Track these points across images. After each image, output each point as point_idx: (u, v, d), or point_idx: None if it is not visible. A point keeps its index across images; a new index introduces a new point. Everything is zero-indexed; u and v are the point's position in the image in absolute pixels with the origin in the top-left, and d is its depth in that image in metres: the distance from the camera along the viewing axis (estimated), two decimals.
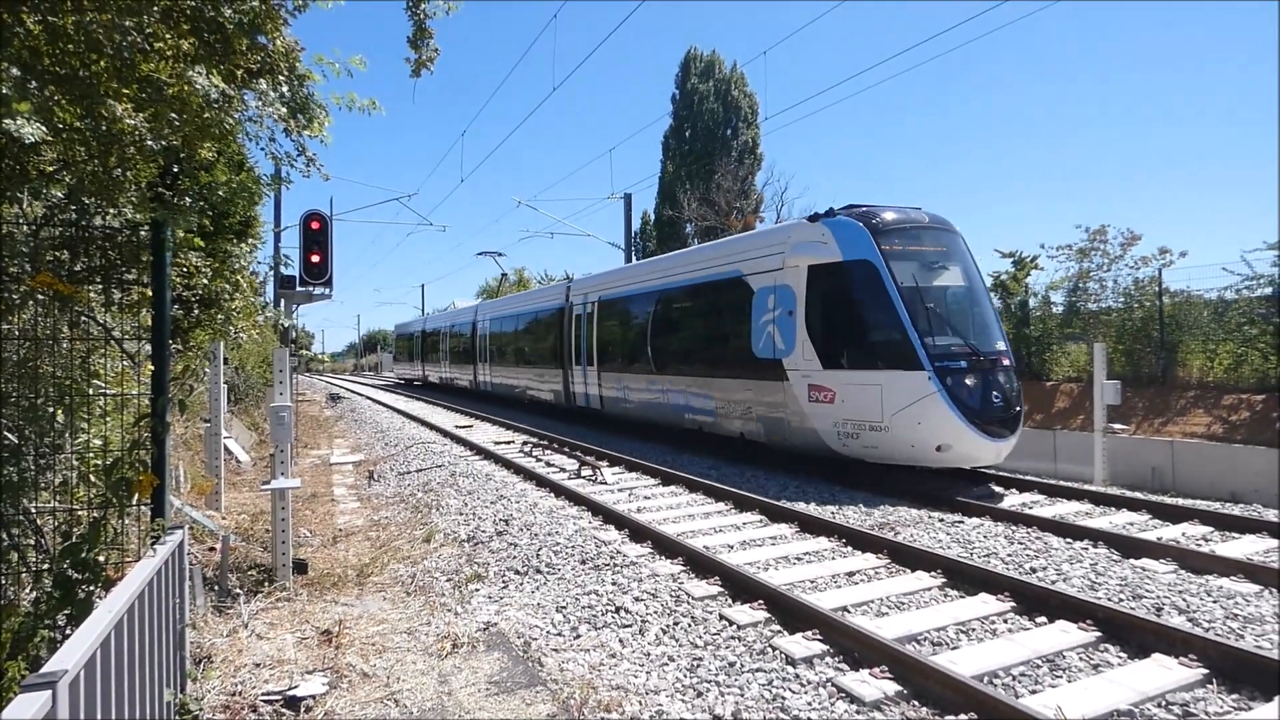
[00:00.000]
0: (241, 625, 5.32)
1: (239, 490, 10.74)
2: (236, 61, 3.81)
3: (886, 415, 9.44)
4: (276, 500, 6.44)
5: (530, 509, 8.99)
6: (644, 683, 4.39)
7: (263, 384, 18.94)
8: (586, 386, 17.89)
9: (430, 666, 4.71)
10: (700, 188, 34.56)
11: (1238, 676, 4.18)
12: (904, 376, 9.35)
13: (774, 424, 11.26)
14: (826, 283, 10.33)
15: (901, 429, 9.34)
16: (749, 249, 12.18)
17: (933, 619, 5.15)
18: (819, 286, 10.37)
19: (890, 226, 10.12)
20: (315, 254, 7.06)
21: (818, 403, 10.22)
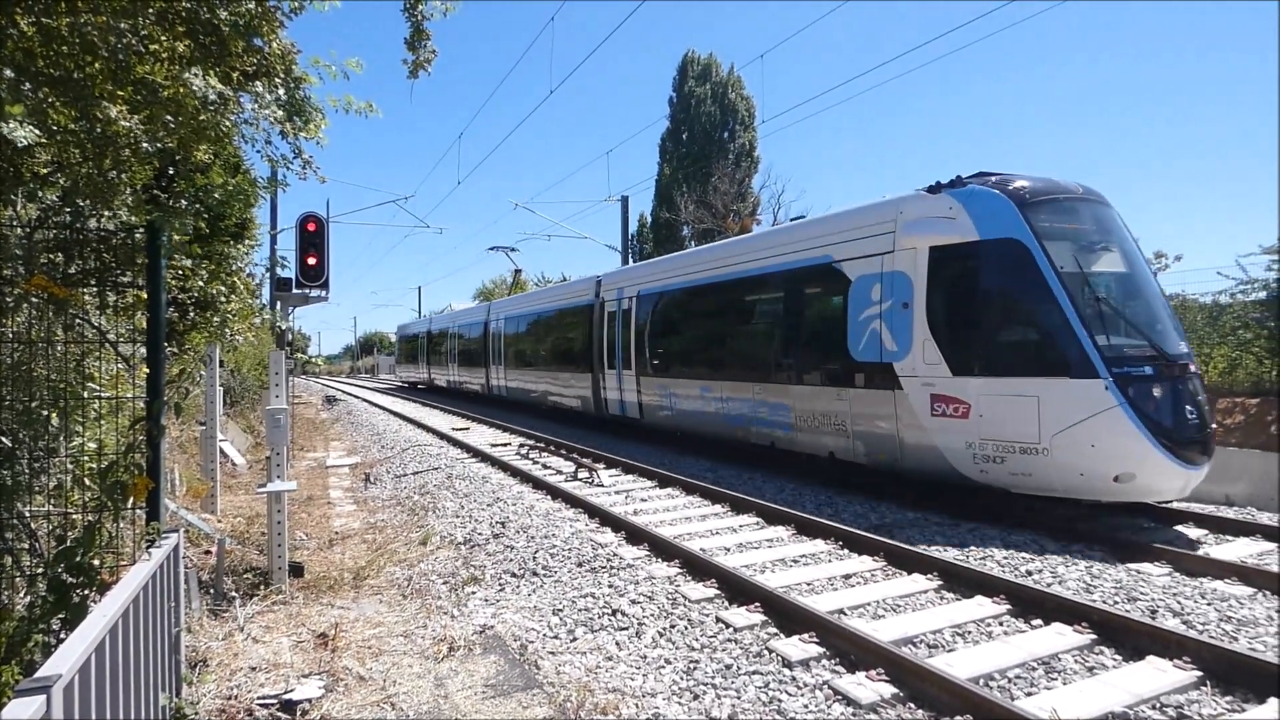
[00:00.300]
0: (237, 629, 5.30)
1: (235, 493, 10.71)
2: (232, 64, 3.81)
3: (1045, 435, 7.51)
4: (272, 503, 6.42)
5: (527, 511, 8.98)
6: (641, 685, 4.39)
7: (258, 386, 18.90)
8: (621, 393, 15.85)
9: (427, 669, 4.70)
10: (697, 190, 34.61)
11: (1231, 679, 4.19)
12: (1071, 386, 7.43)
13: (879, 441, 9.23)
14: (956, 268, 8.45)
15: (1067, 452, 7.40)
16: (843, 229, 9.96)
17: (929, 621, 5.15)
18: (945, 273, 8.46)
19: (1039, 198, 8.19)
20: (312, 256, 7.04)
21: (944, 417, 8.29)
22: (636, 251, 39.82)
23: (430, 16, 4.80)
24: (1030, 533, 7.49)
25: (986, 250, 8.18)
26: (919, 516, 8.35)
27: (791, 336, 11.02)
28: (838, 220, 10.32)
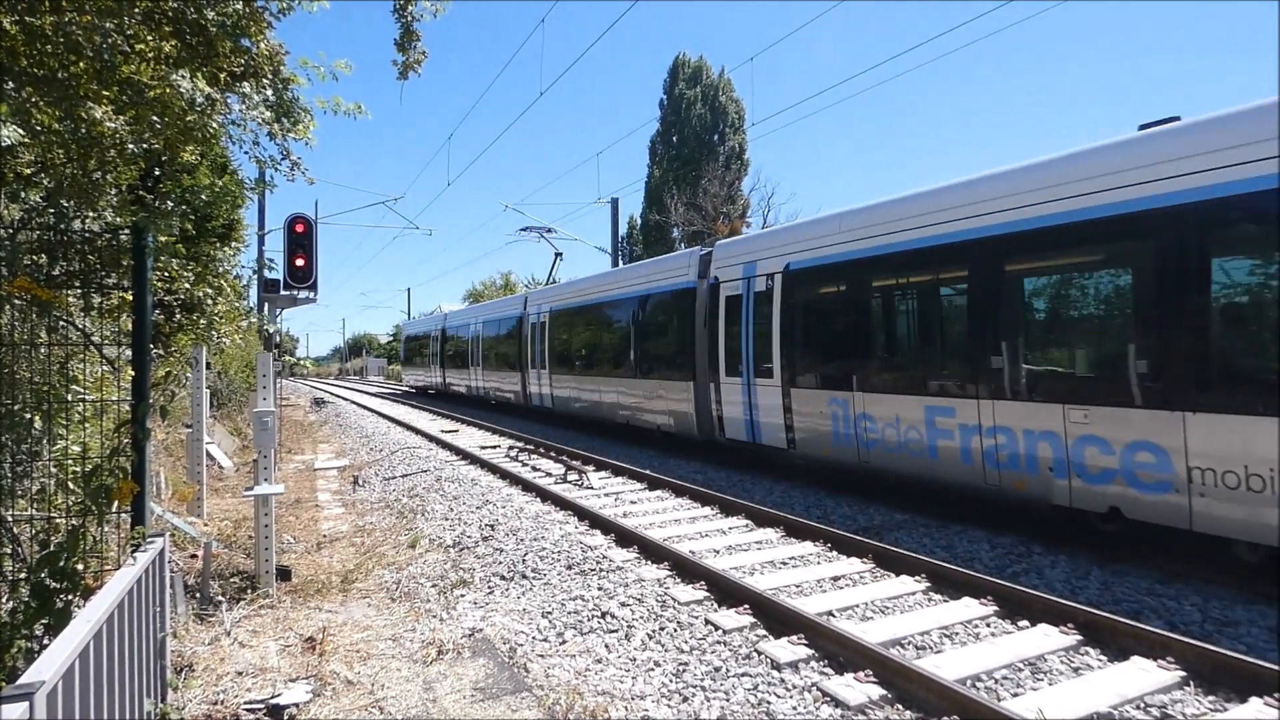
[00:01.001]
0: (224, 633, 5.26)
1: (221, 496, 10.63)
2: (219, 64, 3.80)
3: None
4: (259, 506, 6.38)
5: (516, 514, 8.96)
6: (630, 688, 4.39)
7: (246, 389, 18.77)
8: (753, 409, 11.40)
9: (415, 673, 4.68)
10: (687, 192, 34.68)
11: (1214, 679, 4.23)
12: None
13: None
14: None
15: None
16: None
17: (917, 623, 5.17)
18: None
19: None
20: (300, 257, 6.99)
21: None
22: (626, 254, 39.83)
23: (420, 18, 4.80)
24: (1017, 535, 7.53)
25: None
26: (907, 518, 8.39)
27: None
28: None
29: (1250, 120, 5.78)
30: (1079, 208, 6.92)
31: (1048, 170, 7.36)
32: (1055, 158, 7.42)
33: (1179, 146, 6.22)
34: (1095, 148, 7.03)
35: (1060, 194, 7.11)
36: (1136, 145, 6.63)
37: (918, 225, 8.66)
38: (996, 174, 7.99)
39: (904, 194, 9.18)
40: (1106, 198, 6.68)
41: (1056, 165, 7.30)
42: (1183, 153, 6.16)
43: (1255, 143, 5.67)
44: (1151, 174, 6.33)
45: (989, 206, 7.81)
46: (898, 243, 8.92)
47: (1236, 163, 5.75)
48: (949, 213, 8.27)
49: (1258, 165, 5.63)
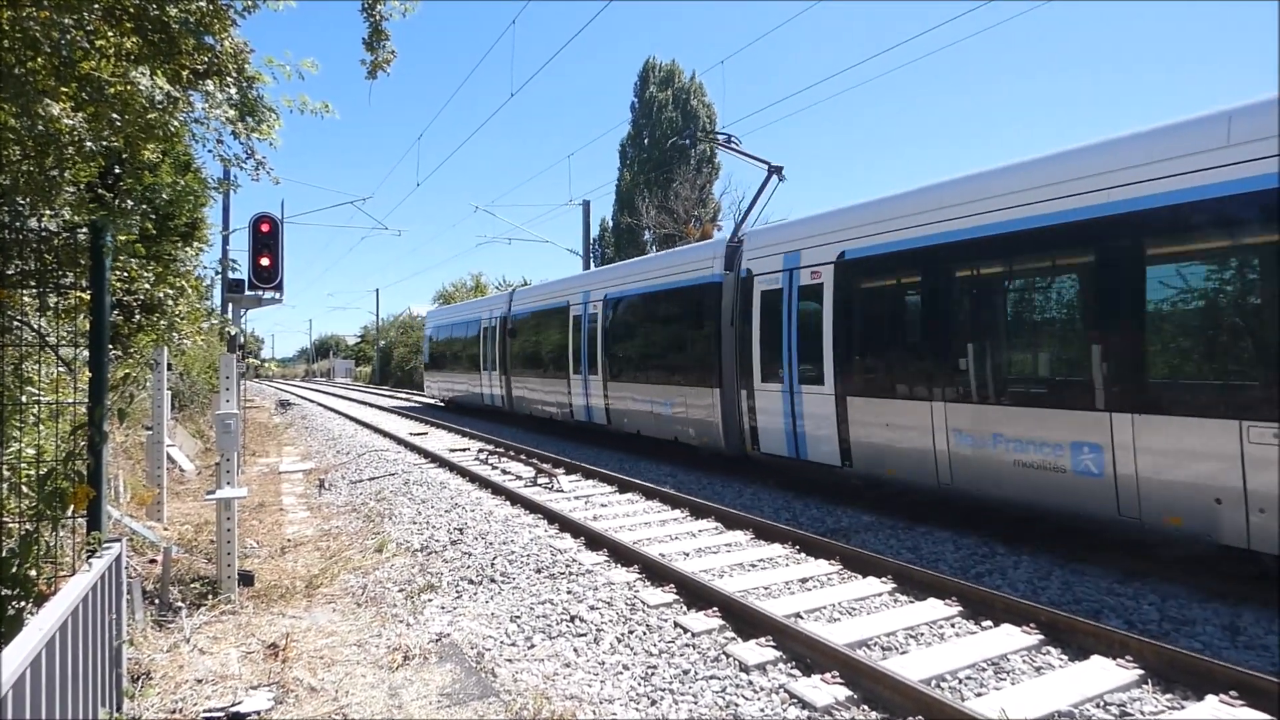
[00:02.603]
0: (183, 640, 5.15)
1: (182, 500, 10.40)
2: (182, 62, 3.73)
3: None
4: (222, 510, 6.26)
5: (485, 517, 8.90)
6: (598, 692, 4.38)
7: (209, 390, 18.39)
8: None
9: (380, 679, 4.62)
10: (659, 195, 34.78)
11: (1171, 677, 4.35)
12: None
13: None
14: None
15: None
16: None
17: (883, 624, 5.24)
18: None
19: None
20: (265, 257, 6.87)
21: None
22: (598, 256, 39.85)
23: (389, 17, 4.76)
24: (981, 535, 7.66)
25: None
26: (874, 520, 8.49)
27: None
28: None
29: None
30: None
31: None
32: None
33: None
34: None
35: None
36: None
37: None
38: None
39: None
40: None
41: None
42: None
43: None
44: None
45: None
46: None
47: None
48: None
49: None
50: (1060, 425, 6.75)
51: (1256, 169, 5.45)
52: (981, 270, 7.81)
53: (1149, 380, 6.18)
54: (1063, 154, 7.04)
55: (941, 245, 7.94)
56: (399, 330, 60.83)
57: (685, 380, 12.45)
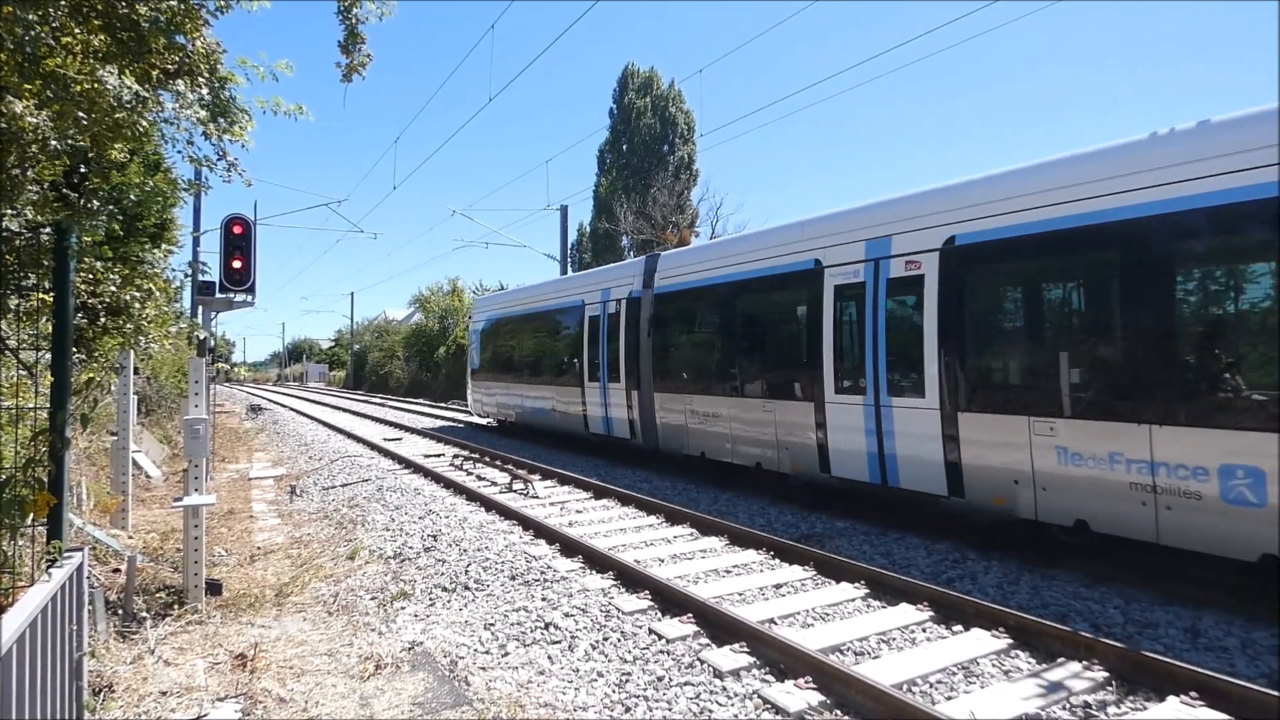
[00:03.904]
0: (147, 651, 5.04)
1: (148, 507, 10.19)
2: (152, 61, 3.67)
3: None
4: (189, 517, 6.14)
5: (460, 524, 8.83)
6: (572, 699, 4.36)
7: (177, 394, 18.05)
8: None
9: (351, 689, 4.56)
10: (636, 201, 34.83)
11: (1135, 679, 4.43)
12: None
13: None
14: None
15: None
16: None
17: (856, 629, 5.28)
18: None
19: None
20: (237, 259, 6.77)
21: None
22: (576, 261, 39.79)
23: (365, 20, 4.72)
24: (953, 541, 7.75)
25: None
26: (848, 526, 8.55)
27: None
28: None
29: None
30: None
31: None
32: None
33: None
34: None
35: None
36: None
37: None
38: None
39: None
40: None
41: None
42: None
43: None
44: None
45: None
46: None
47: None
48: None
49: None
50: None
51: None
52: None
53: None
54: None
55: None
56: (374, 334, 60.20)
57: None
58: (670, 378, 12.25)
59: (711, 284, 11.33)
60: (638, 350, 12.86)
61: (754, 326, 10.81)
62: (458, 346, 40.51)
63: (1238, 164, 5.56)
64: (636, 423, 12.91)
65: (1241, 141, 5.58)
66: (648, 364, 12.71)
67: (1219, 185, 5.64)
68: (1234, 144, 5.62)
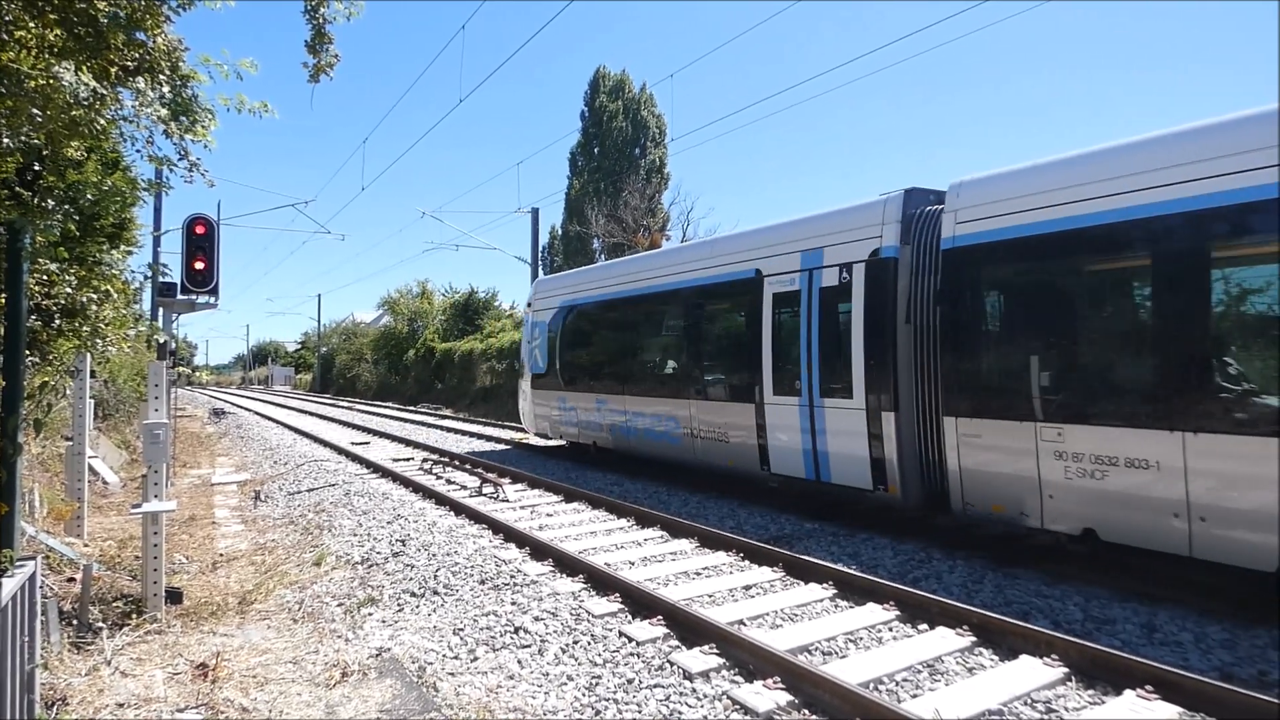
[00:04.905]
0: (104, 662, 4.91)
1: (105, 514, 9.93)
2: (110, 57, 3.59)
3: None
4: (148, 524, 6.00)
5: (429, 528, 8.74)
6: (542, 704, 4.34)
7: (136, 398, 17.62)
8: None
9: (317, 697, 4.49)
10: (608, 204, 34.84)
11: (1093, 674, 4.53)
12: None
13: None
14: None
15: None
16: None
17: (824, 629, 5.33)
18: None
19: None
20: (199, 260, 6.64)
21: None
22: (547, 264, 39.68)
23: (333, 20, 4.67)
24: (919, 541, 7.87)
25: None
26: (816, 527, 8.64)
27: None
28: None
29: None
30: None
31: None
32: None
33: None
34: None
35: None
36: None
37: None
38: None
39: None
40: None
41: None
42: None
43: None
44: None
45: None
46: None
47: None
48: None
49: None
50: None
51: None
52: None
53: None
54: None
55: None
56: (341, 337, 59.38)
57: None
58: (997, 391, 7.11)
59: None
60: (891, 346, 8.05)
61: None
62: (427, 349, 40.13)
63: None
64: (890, 464, 8.02)
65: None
66: (917, 368, 7.96)
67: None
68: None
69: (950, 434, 7.33)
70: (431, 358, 39.11)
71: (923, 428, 7.89)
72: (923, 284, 7.97)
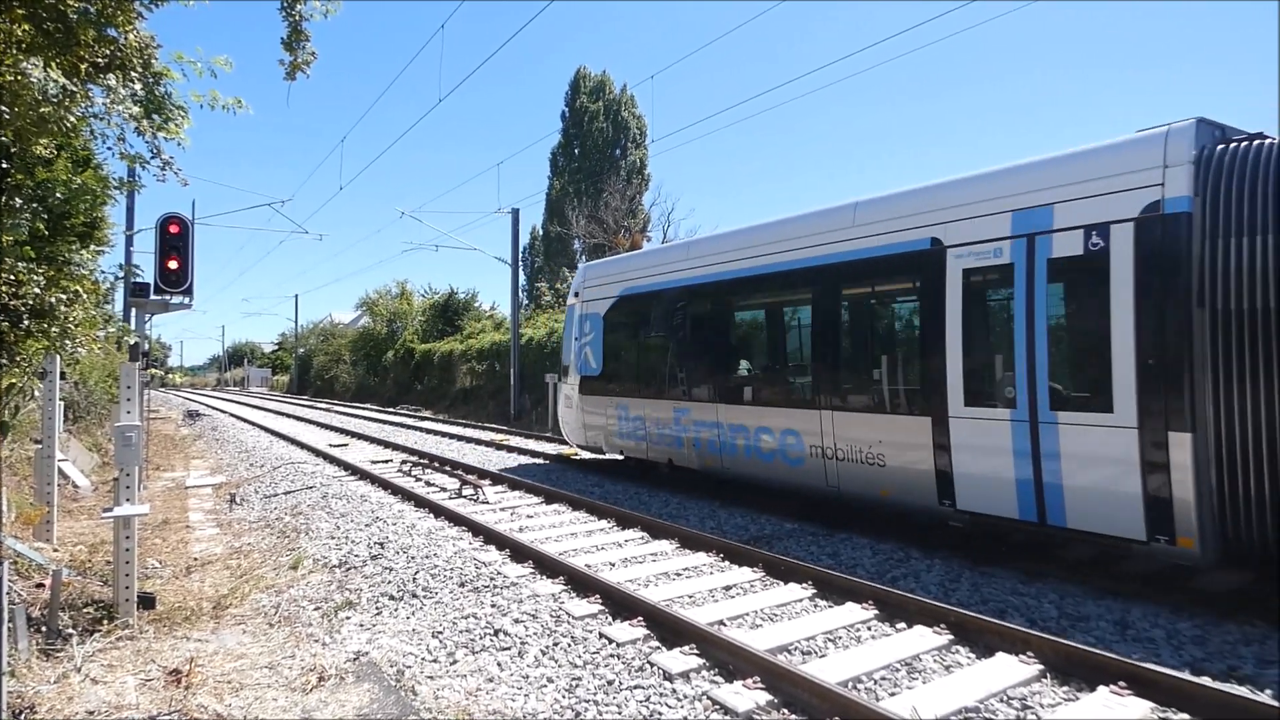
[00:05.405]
0: (73, 669, 4.82)
1: (76, 519, 9.75)
2: (81, 54, 3.53)
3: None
4: (120, 529, 5.89)
5: (408, 531, 8.68)
6: (522, 706, 4.33)
7: (108, 400, 17.32)
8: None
9: (293, 702, 4.44)
10: (589, 205, 34.82)
11: (1067, 670, 4.60)
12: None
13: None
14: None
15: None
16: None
17: (803, 629, 5.36)
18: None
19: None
20: (173, 260, 6.53)
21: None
22: (528, 265, 39.59)
23: (309, 17, 4.62)
24: (898, 541, 7.93)
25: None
26: (796, 527, 8.68)
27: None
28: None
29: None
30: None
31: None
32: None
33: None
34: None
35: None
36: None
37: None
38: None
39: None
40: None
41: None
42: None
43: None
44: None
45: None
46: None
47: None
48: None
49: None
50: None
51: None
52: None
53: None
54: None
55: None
56: (319, 338, 58.77)
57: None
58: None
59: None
60: (1184, 339, 5.84)
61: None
62: (406, 350, 39.83)
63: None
64: (1182, 505, 5.76)
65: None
66: (1219, 370, 5.70)
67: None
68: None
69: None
70: (411, 359, 38.83)
71: (1229, 454, 5.59)
72: (1228, 250, 5.64)
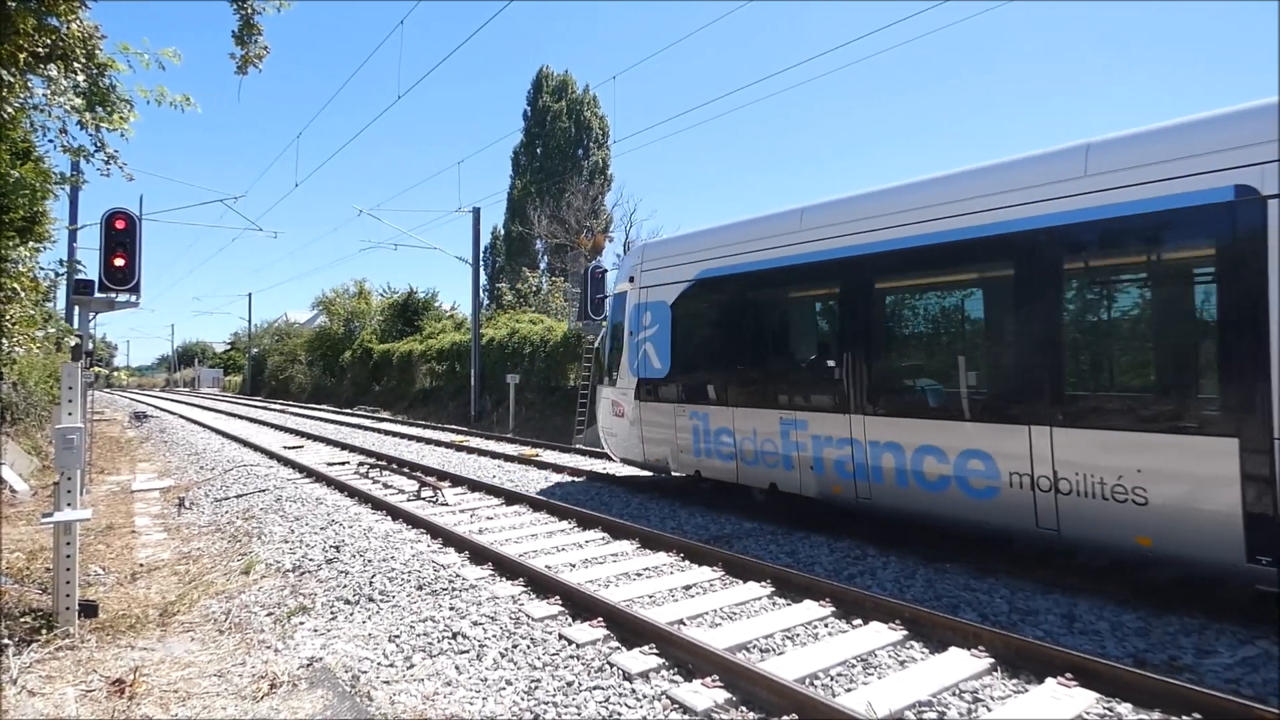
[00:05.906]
0: (9, 680, 4.63)
1: (14, 524, 9.37)
2: (19, 42, 3.39)
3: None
4: (60, 535, 5.68)
5: (365, 534, 8.53)
6: (480, 709, 4.29)
7: (48, 401, 16.69)
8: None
9: (243, 711, 4.33)
10: (551, 205, 34.69)
11: (1017, 664, 4.73)
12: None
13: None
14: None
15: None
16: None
17: (762, 627, 5.41)
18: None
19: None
20: (120, 256, 6.34)
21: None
22: (489, 264, 39.26)
23: (262, 11, 4.53)
24: (854, 539, 8.06)
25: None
26: (755, 526, 8.76)
27: None
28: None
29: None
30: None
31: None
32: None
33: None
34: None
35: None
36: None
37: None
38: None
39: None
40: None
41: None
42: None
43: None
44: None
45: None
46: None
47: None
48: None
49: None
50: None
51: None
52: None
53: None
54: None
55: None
56: (274, 337, 57.47)
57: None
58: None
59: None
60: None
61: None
62: (364, 350, 39.17)
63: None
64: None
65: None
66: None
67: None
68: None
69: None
70: (369, 359, 38.21)
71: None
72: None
